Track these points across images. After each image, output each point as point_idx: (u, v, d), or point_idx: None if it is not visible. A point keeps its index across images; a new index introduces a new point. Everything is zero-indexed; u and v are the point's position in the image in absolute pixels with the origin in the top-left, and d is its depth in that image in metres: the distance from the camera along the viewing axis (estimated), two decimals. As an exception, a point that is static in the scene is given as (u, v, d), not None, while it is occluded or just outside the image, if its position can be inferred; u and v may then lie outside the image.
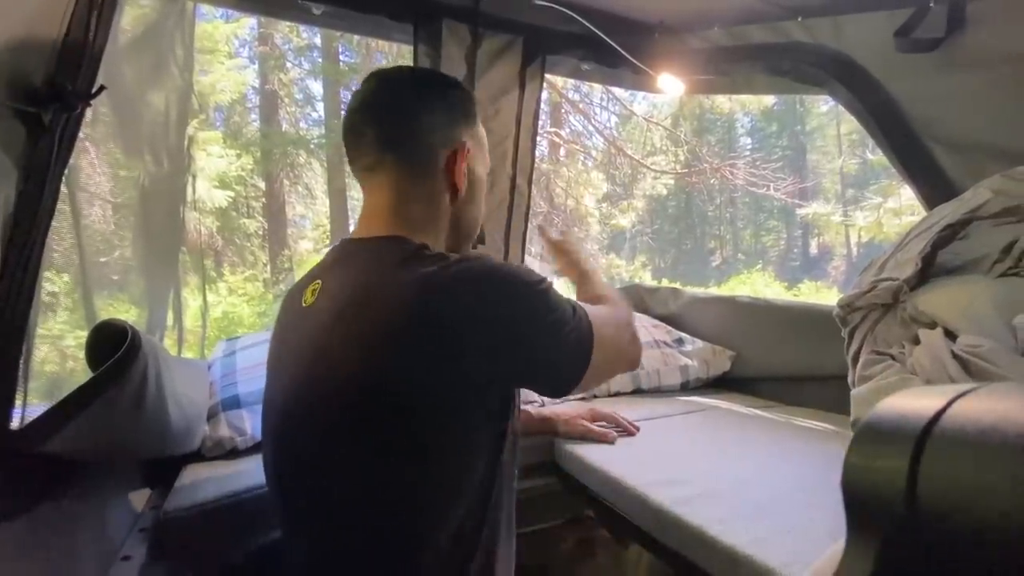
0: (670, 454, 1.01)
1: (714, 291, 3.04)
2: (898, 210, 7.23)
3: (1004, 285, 0.74)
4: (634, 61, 1.43)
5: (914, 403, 0.20)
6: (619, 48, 1.40)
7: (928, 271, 0.81)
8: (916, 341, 0.73)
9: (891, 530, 0.18)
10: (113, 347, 0.58)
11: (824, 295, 10.89)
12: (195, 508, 0.81)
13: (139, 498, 0.92)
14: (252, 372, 1.16)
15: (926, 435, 0.18)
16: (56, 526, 0.62)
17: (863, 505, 0.20)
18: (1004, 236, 0.80)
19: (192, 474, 0.95)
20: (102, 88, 0.50)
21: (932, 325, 0.73)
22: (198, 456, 1.01)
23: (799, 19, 1.24)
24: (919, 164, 1.14)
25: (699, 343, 1.57)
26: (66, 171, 0.52)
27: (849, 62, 1.18)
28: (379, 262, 0.62)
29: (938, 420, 0.18)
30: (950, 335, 0.69)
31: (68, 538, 0.64)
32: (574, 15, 1.33)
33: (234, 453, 1.04)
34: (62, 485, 0.64)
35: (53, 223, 0.58)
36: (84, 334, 0.88)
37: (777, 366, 1.44)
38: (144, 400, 0.65)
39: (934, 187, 1.12)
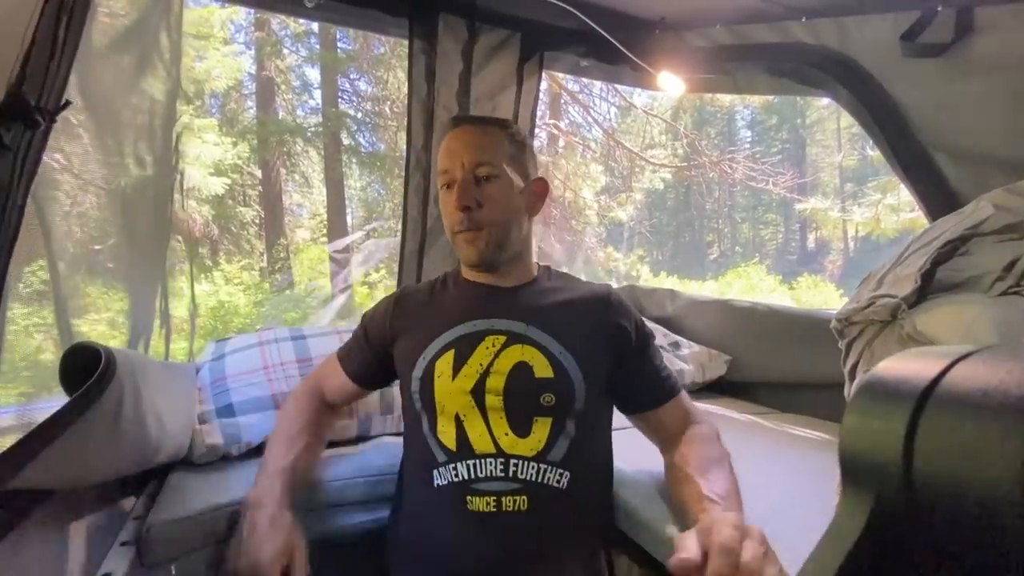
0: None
1: (711, 285, 3.02)
2: (896, 206, 7.19)
3: (1005, 305, 0.72)
4: (634, 58, 1.40)
5: (914, 365, 0.19)
6: (619, 45, 1.37)
7: (927, 288, 0.79)
8: (914, 360, 0.72)
9: (885, 490, 0.18)
10: (89, 369, 0.56)
11: (822, 288, 10.90)
12: (179, 521, 0.79)
13: (123, 506, 0.89)
14: (243, 379, 1.13)
15: (926, 397, 0.18)
16: (33, 543, 0.60)
17: (858, 464, 0.20)
18: (1006, 253, 0.78)
19: (178, 481, 0.92)
20: (67, 103, 0.47)
21: (931, 345, 0.72)
22: (186, 461, 0.99)
23: (803, 19, 1.21)
24: (921, 171, 1.12)
25: (695, 347, 1.55)
26: (32, 187, 0.50)
27: (853, 65, 1.16)
28: None
29: (939, 382, 0.18)
30: (949, 355, 0.68)
31: (45, 554, 0.62)
32: (573, 11, 1.30)
33: (226, 459, 1.02)
34: (39, 498, 0.62)
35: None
36: (76, 322, 0.85)
37: (773, 372, 1.43)
38: (119, 424, 0.63)
39: (935, 195, 1.10)
